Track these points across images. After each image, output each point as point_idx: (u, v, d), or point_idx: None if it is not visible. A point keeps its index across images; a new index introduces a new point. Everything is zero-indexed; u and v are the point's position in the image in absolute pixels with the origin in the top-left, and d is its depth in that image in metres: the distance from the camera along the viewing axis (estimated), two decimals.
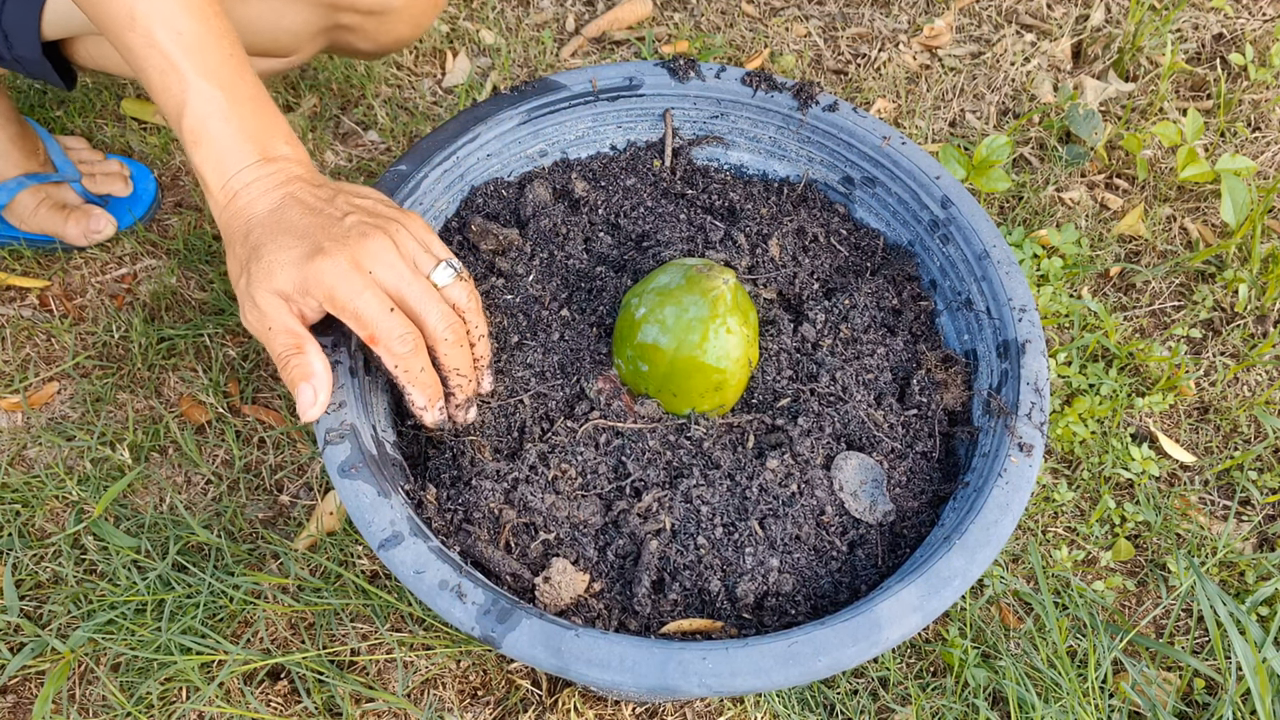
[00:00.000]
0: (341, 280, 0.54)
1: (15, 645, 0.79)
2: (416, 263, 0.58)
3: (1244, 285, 1.05)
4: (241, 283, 0.56)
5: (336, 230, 0.56)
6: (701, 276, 0.62)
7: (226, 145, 0.57)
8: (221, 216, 0.58)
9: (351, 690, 0.78)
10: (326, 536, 0.84)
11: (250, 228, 0.57)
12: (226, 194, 0.58)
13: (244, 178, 0.57)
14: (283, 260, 0.55)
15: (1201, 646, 0.85)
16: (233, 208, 0.58)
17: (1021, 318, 0.67)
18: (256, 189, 0.57)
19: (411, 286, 0.57)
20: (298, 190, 0.58)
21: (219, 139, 0.57)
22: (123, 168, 1.05)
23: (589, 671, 0.50)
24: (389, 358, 0.57)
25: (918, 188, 0.75)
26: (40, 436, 0.90)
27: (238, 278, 0.57)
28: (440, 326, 0.58)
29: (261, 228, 0.56)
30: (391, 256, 0.56)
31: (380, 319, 0.55)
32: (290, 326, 0.56)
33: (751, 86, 0.80)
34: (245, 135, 0.58)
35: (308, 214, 0.57)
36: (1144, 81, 1.25)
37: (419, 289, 0.57)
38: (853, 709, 0.79)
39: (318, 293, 0.55)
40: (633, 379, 0.66)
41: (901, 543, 0.63)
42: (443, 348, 0.59)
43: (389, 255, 0.56)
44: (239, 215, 0.57)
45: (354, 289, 0.54)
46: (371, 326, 0.55)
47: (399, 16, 0.77)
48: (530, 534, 0.61)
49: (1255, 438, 0.98)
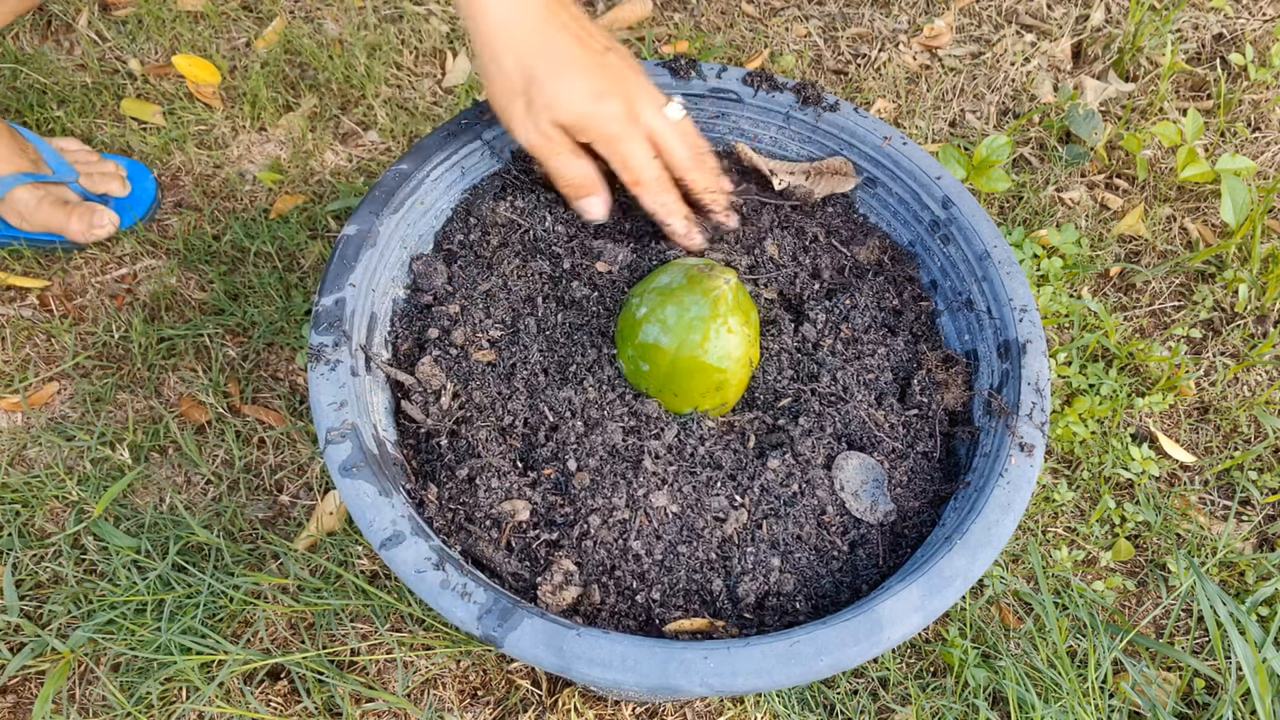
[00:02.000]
0: (619, 125, 0.63)
1: (15, 645, 0.79)
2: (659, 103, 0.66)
3: (1244, 285, 1.05)
4: (518, 106, 0.62)
5: (608, 68, 0.62)
6: (703, 276, 0.62)
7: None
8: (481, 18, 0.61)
9: (351, 690, 0.78)
10: (326, 536, 0.84)
11: (521, 50, 0.61)
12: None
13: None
14: (567, 94, 0.61)
15: (1201, 646, 0.85)
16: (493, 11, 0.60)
17: (1022, 318, 0.67)
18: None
19: (663, 127, 0.65)
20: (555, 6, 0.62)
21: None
22: (119, 168, 1.05)
23: (591, 671, 0.50)
24: (650, 196, 0.66)
25: (919, 188, 0.75)
26: (40, 436, 0.90)
27: (511, 97, 0.62)
28: (686, 157, 0.67)
29: (535, 53, 0.61)
30: (651, 98, 0.65)
31: (646, 167, 0.65)
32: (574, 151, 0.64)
33: (752, 86, 0.80)
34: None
35: (576, 45, 0.62)
36: (1144, 81, 1.26)
37: (667, 129, 0.65)
38: (853, 709, 0.79)
39: (595, 133, 0.62)
40: (634, 378, 0.66)
41: (902, 542, 0.63)
42: (691, 174, 0.67)
43: (651, 96, 0.65)
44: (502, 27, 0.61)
45: (629, 136, 0.63)
46: (638, 173, 0.65)
47: None
48: (532, 533, 0.61)
49: (1255, 438, 0.98)
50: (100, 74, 1.18)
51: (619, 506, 0.61)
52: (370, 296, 0.67)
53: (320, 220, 1.06)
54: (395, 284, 0.71)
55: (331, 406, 0.59)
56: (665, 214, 0.68)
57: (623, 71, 0.63)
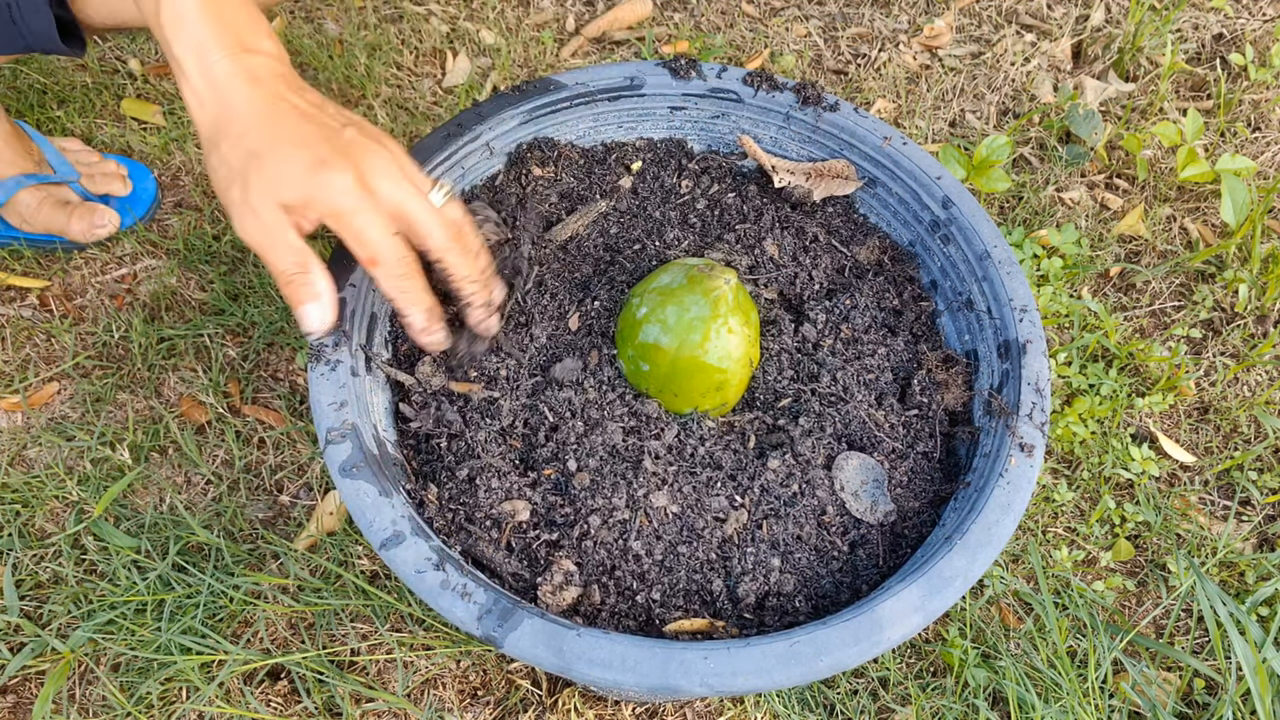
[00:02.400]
0: (348, 197, 0.54)
1: (15, 645, 0.79)
2: (415, 181, 0.58)
3: (1244, 285, 1.05)
4: (235, 191, 0.54)
5: (339, 141, 0.55)
6: (703, 276, 0.62)
7: (207, 33, 0.55)
8: (201, 109, 0.56)
9: (351, 690, 0.78)
10: (326, 536, 0.84)
11: (243, 130, 0.54)
12: (207, 83, 0.55)
13: (225, 67, 0.55)
14: (287, 171, 0.53)
15: (1201, 646, 0.85)
16: (215, 100, 0.55)
17: (1022, 318, 0.67)
18: (239, 81, 0.55)
19: (414, 202, 0.56)
20: (285, 92, 0.56)
21: (199, 26, 0.55)
22: (120, 168, 1.05)
23: (591, 671, 0.50)
24: (389, 280, 0.57)
25: (919, 188, 0.75)
26: (40, 436, 0.90)
27: (229, 184, 0.54)
28: (445, 239, 0.58)
29: (257, 133, 0.54)
30: (395, 172, 0.56)
31: (383, 243, 0.55)
32: (293, 243, 0.55)
33: (752, 87, 0.80)
34: (225, 25, 0.55)
35: (305, 121, 0.55)
36: (1144, 81, 1.26)
37: (422, 206, 0.57)
38: (853, 709, 0.79)
39: (322, 207, 0.54)
40: (634, 378, 0.66)
41: (902, 543, 0.63)
42: (450, 258, 0.58)
43: (393, 170, 0.56)
44: (224, 109, 0.55)
45: (361, 208, 0.54)
46: (373, 249, 0.55)
47: None
48: (532, 534, 0.61)
49: (1255, 438, 0.98)
50: (100, 74, 1.18)
51: (619, 507, 0.61)
52: (370, 296, 0.67)
53: None
54: None
55: (331, 407, 0.59)
56: (404, 302, 0.58)
57: (361, 144, 0.55)
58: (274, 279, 0.58)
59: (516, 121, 0.78)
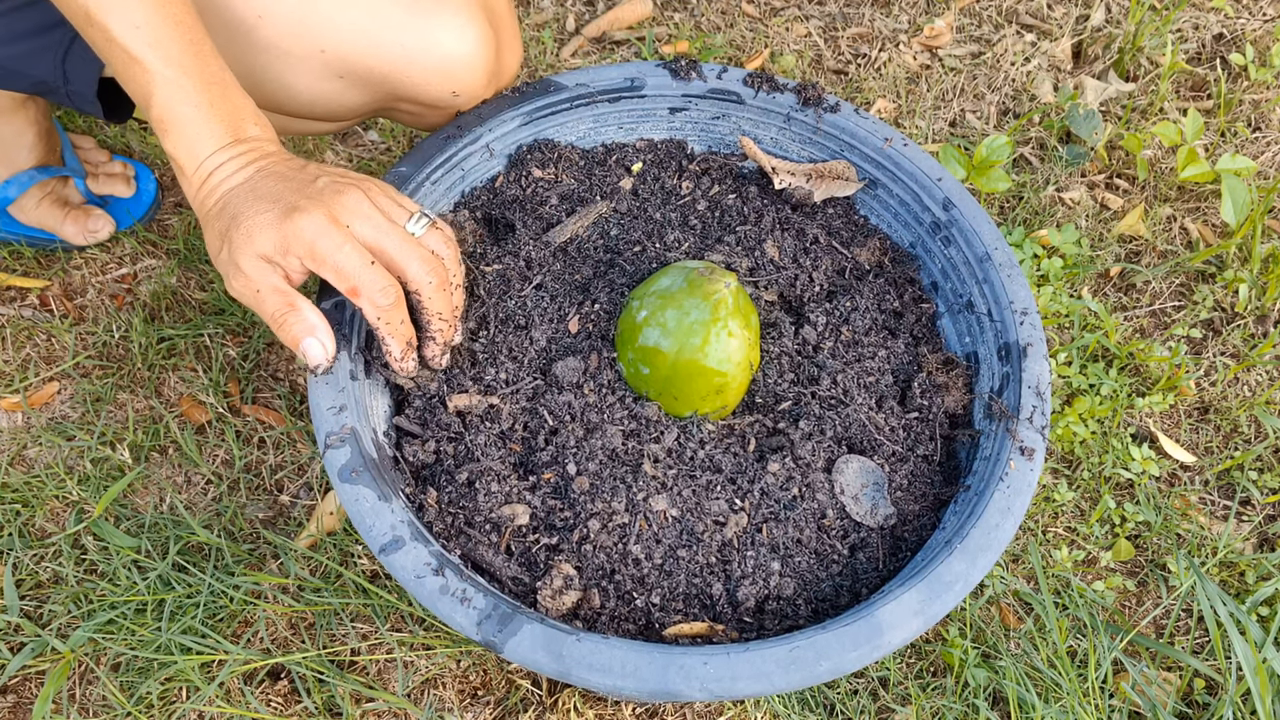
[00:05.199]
0: (321, 235, 0.55)
1: (15, 645, 0.79)
2: (391, 216, 0.59)
3: (1244, 285, 1.05)
4: (223, 254, 0.57)
5: (310, 190, 0.57)
6: (703, 279, 0.62)
7: (197, 130, 0.58)
8: (196, 198, 0.59)
9: (351, 690, 0.78)
10: (326, 536, 0.84)
11: (226, 201, 0.57)
12: (200, 176, 0.59)
13: (217, 159, 0.58)
14: (261, 223, 0.55)
15: (1201, 646, 0.85)
16: (207, 188, 0.59)
17: (1023, 321, 0.67)
18: (229, 168, 0.58)
19: (389, 237, 0.58)
20: (270, 164, 0.59)
21: (189, 124, 0.58)
22: (127, 169, 1.05)
23: (590, 676, 0.50)
24: (371, 310, 0.57)
25: (919, 190, 0.75)
26: (40, 436, 0.90)
27: (218, 251, 0.57)
28: (423, 273, 0.59)
29: (238, 199, 0.57)
30: (367, 209, 0.58)
31: (361, 272, 0.56)
32: (278, 286, 0.57)
33: (753, 87, 0.80)
34: (215, 118, 0.58)
35: (281, 181, 0.58)
36: (1144, 81, 1.25)
37: (397, 239, 0.58)
38: (853, 709, 0.79)
39: (298, 249, 0.55)
40: (634, 381, 0.66)
41: (903, 546, 0.63)
42: (426, 292, 0.59)
43: (364, 208, 0.57)
44: (214, 193, 0.58)
45: (334, 243, 0.55)
46: (353, 279, 0.56)
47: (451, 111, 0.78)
48: (532, 538, 0.61)
49: (1255, 438, 0.98)
50: None
51: (619, 510, 0.61)
52: None
53: None
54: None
55: (331, 411, 0.59)
56: (384, 333, 0.59)
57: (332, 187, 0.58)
58: (269, 326, 0.59)
59: (517, 123, 0.78)
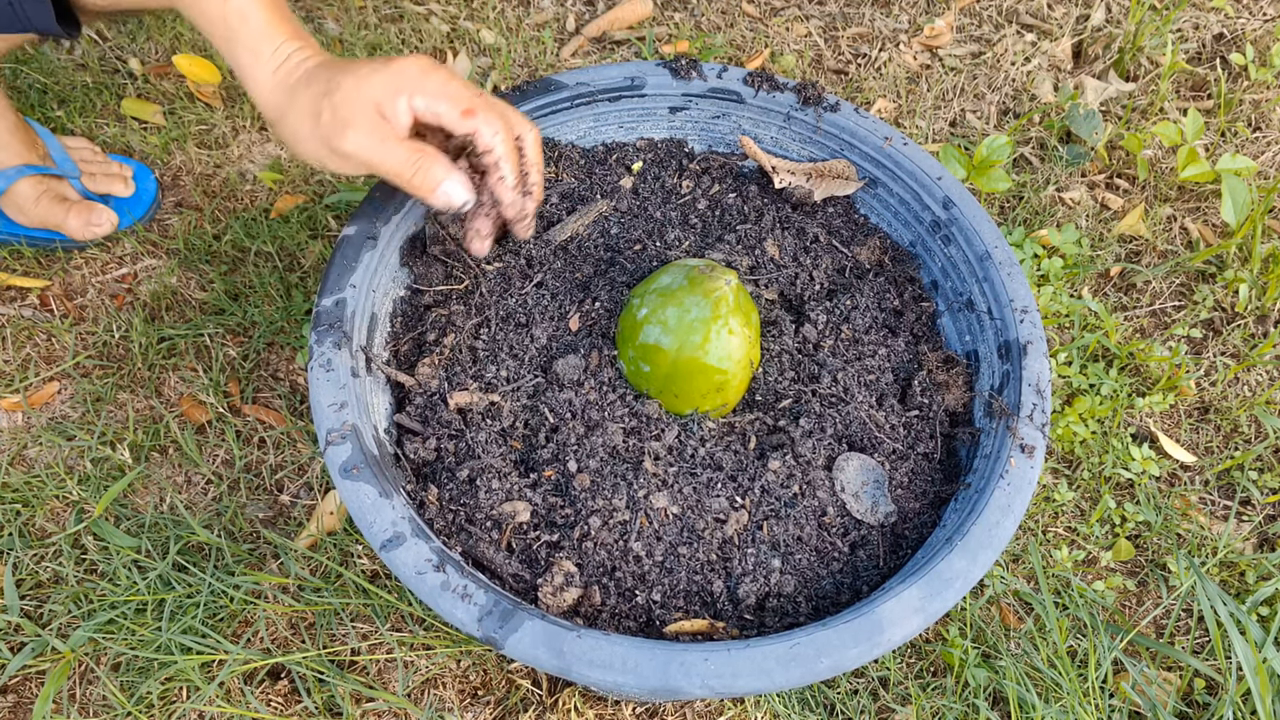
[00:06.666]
0: (429, 69, 0.59)
1: (15, 645, 0.79)
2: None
3: (1244, 285, 1.05)
4: (325, 117, 0.58)
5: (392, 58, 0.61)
6: (704, 277, 0.62)
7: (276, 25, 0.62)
8: (275, 77, 0.61)
9: (352, 690, 0.78)
10: (327, 536, 0.84)
11: (313, 73, 0.60)
12: (281, 55, 0.61)
13: (288, 48, 0.61)
14: (364, 72, 0.58)
15: (1202, 646, 0.85)
16: (289, 65, 0.61)
17: (1023, 319, 0.67)
18: (307, 52, 0.62)
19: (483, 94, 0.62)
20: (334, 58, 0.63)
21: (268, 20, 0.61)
22: (125, 169, 1.05)
23: (591, 673, 0.50)
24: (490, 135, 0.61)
25: (919, 188, 0.75)
26: (40, 436, 0.90)
27: (313, 121, 0.59)
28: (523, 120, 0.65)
29: (325, 69, 0.60)
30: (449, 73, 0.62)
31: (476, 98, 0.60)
32: (401, 135, 0.59)
33: (753, 87, 0.80)
34: (282, 19, 0.62)
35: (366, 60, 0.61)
36: (1144, 81, 1.25)
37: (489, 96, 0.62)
38: (853, 709, 0.79)
39: (409, 85, 0.58)
40: (635, 379, 0.66)
41: (903, 544, 0.63)
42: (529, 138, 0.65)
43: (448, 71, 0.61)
44: (298, 69, 0.61)
45: (443, 76, 0.60)
46: (468, 102, 0.60)
47: None
48: (532, 535, 0.61)
49: (1255, 438, 0.98)
50: (101, 74, 1.18)
51: (619, 508, 0.61)
52: (371, 297, 0.67)
53: (321, 220, 1.06)
54: (396, 284, 0.71)
55: (332, 408, 0.59)
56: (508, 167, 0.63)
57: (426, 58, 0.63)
58: (393, 181, 0.60)
59: None
